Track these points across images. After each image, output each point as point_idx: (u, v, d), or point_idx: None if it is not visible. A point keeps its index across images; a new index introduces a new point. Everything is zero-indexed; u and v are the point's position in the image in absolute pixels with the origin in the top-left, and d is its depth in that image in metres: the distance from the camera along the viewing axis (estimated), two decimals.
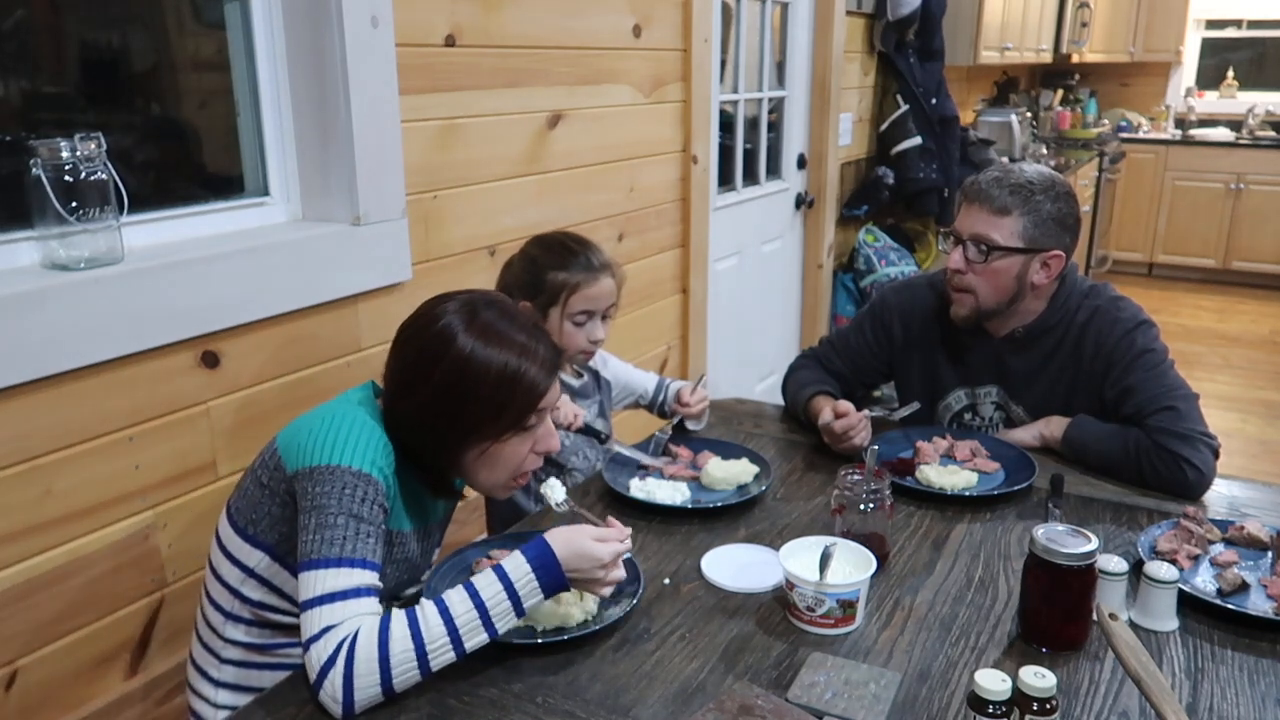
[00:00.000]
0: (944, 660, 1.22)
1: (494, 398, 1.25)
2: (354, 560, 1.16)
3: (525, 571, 1.18)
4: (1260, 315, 6.22)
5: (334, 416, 1.24)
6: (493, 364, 1.25)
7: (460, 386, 1.25)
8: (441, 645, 1.13)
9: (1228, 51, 7.45)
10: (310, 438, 1.23)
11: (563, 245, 1.78)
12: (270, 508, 1.28)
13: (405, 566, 1.39)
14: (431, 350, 1.26)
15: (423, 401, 1.26)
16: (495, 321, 1.28)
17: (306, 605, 1.14)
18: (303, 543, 1.18)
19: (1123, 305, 1.83)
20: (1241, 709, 1.14)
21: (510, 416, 1.27)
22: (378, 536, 1.20)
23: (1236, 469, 3.20)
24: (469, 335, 1.25)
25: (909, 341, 1.97)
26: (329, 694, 1.09)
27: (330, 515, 1.17)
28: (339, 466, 1.19)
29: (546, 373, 1.29)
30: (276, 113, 1.86)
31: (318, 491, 1.19)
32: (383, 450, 1.24)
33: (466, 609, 1.15)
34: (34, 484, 1.44)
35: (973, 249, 1.78)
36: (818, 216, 4.06)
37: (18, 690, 1.46)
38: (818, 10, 3.81)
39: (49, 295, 1.41)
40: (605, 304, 1.77)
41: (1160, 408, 1.70)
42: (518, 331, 1.28)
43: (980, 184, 1.79)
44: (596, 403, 1.90)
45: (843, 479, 1.46)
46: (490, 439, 1.28)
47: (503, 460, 1.30)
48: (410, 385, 1.28)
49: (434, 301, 1.32)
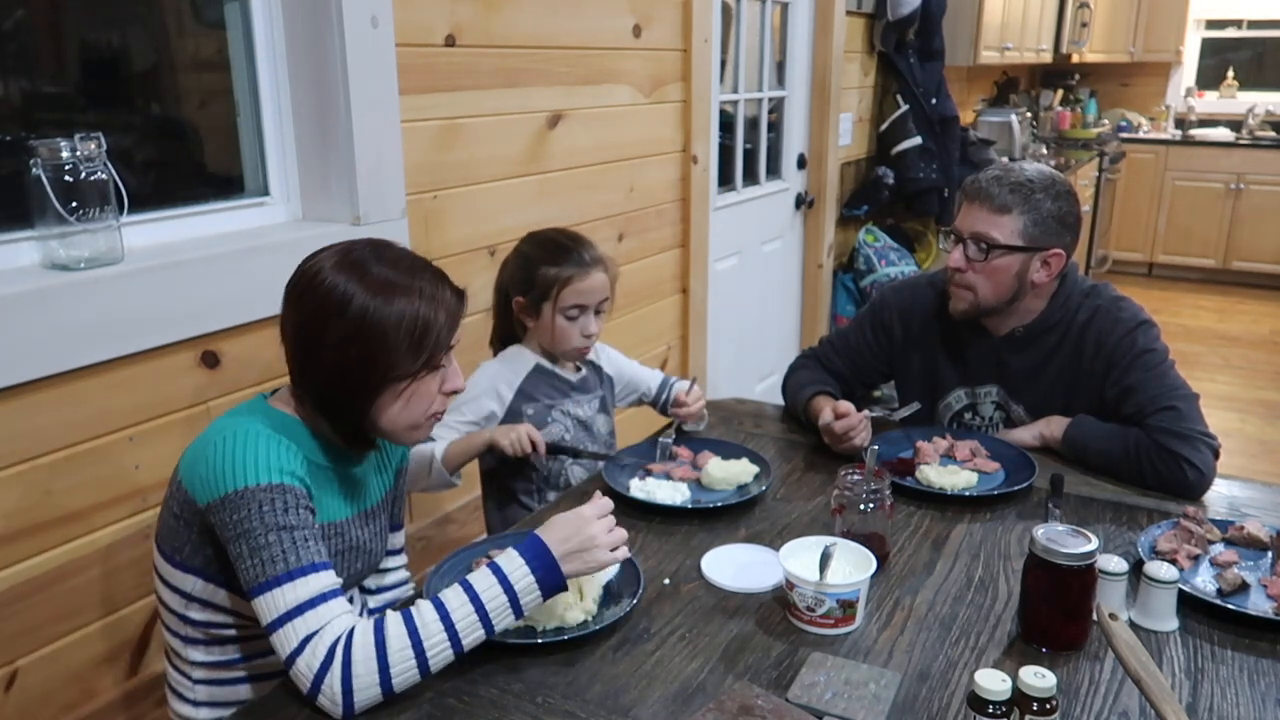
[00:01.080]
0: (944, 660, 1.22)
1: (406, 347, 1.24)
2: (303, 568, 1.14)
3: (519, 566, 1.18)
4: (1260, 315, 6.22)
5: (225, 439, 1.20)
6: (402, 315, 1.23)
7: (370, 344, 1.22)
8: (440, 645, 1.13)
9: (1228, 51, 7.45)
10: (209, 467, 1.19)
11: (554, 241, 1.79)
12: (189, 535, 1.25)
13: (356, 555, 1.37)
14: (331, 312, 1.22)
15: (331, 366, 1.24)
16: (388, 273, 1.25)
17: (273, 627, 1.12)
18: (243, 572, 1.16)
19: (1123, 305, 1.83)
20: (1241, 709, 1.14)
21: (423, 360, 1.26)
22: (315, 538, 1.18)
23: (1236, 469, 3.20)
24: (366, 294, 1.22)
25: (909, 341, 1.97)
26: (328, 697, 1.09)
27: (258, 537, 1.15)
28: (247, 488, 1.16)
29: (451, 313, 1.28)
30: (276, 113, 1.86)
31: (237, 519, 1.16)
32: (286, 452, 1.21)
33: (465, 607, 1.15)
34: (34, 484, 1.44)
35: (973, 247, 1.78)
36: (818, 216, 4.06)
37: (18, 690, 1.46)
38: (818, 10, 3.81)
39: (49, 295, 1.41)
40: (597, 298, 1.78)
41: (1161, 407, 1.70)
42: (416, 277, 1.26)
43: (980, 182, 1.79)
44: (598, 397, 1.90)
45: (843, 479, 1.46)
46: (406, 379, 1.26)
47: (415, 400, 1.28)
48: (315, 352, 1.25)
49: (312, 264, 1.27)
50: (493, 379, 1.79)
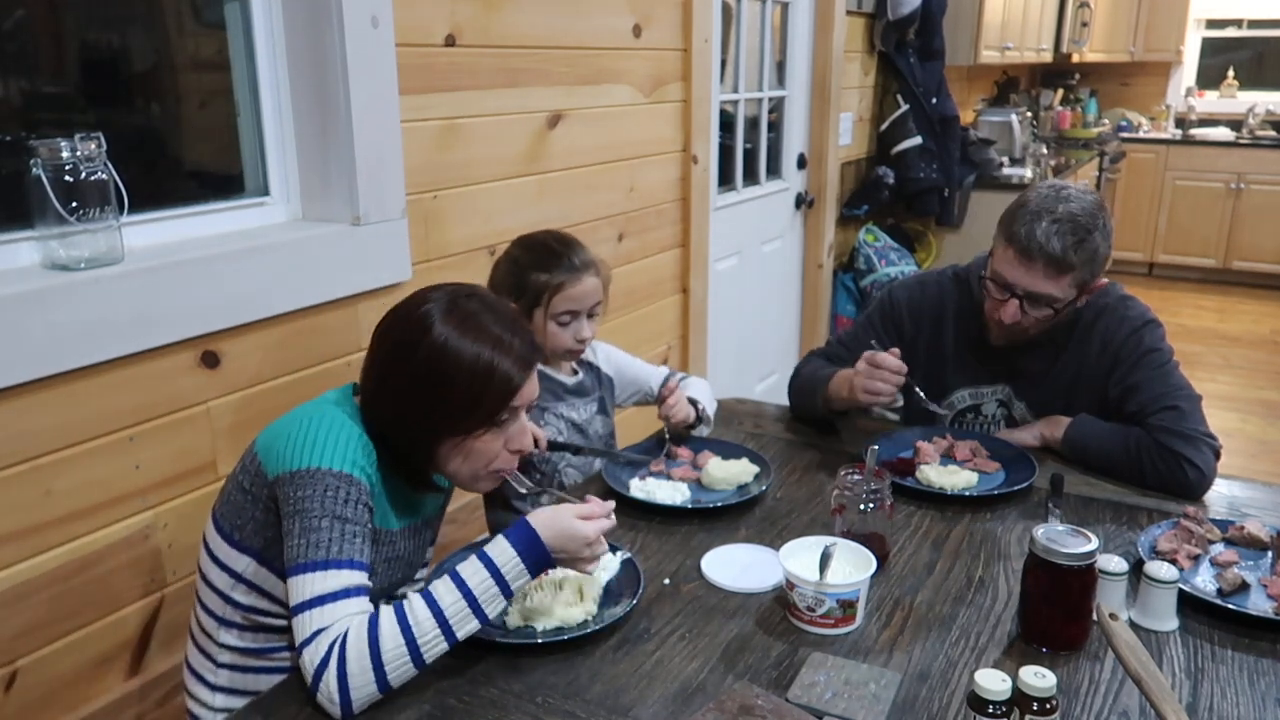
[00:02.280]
0: (944, 660, 1.22)
1: (467, 389, 1.24)
2: (340, 562, 1.16)
3: (511, 556, 1.18)
4: (1260, 315, 6.22)
5: (311, 419, 1.23)
6: (465, 354, 1.24)
7: (433, 375, 1.24)
8: (432, 637, 1.13)
9: (1228, 51, 7.45)
10: (288, 442, 1.22)
11: (545, 246, 1.77)
12: (254, 513, 1.27)
13: (397, 565, 1.39)
14: (408, 338, 1.26)
15: (397, 390, 1.26)
16: (475, 312, 1.27)
17: (297, 610, 1.14)
18: (288, 548, 1.18)
19: (1131, 304, 1.83)
20: (1241, 709, 1.14)
21: (483, 410, 1.27)
22: (364, 536, 1.20)
23: (1236, 469, 3.19)
24: (445, 324, 1.25)
25: (918, 338, 1.96)
26: (325, 696, 1.10)
27: (314, 519, 1.17)
28: (319, 469, 1.18)
29: (521, 368, 1.28)
30: (276, 113, 1.86)
31: (300, 496, 1.18)
32: (362, 449, 1.23)
33: (455, 599, 1.15)
34: (34, 484, 1.44)
35: (1030, 303, 1.73)
36: (818, 216, 4.06)
37: (18, 690, 1.46)
38: (818, 10, 3.81)
39: (49, 295, 1.41)
40: (589, 303, 1.76)
41: (1163, 407, 1.71)
42: (494, 323, 1.27)
43: (1038, 236, 1.67)
44: (596, 399, 1.89)
45: (843, 479, 1.46)
46: (463, 433, 1.27)
47: (476, 455, 1.30)
48: (386, 374, 1.27)
49: (419, 292, 1.32)
50: None
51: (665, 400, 1.83)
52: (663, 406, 1.83)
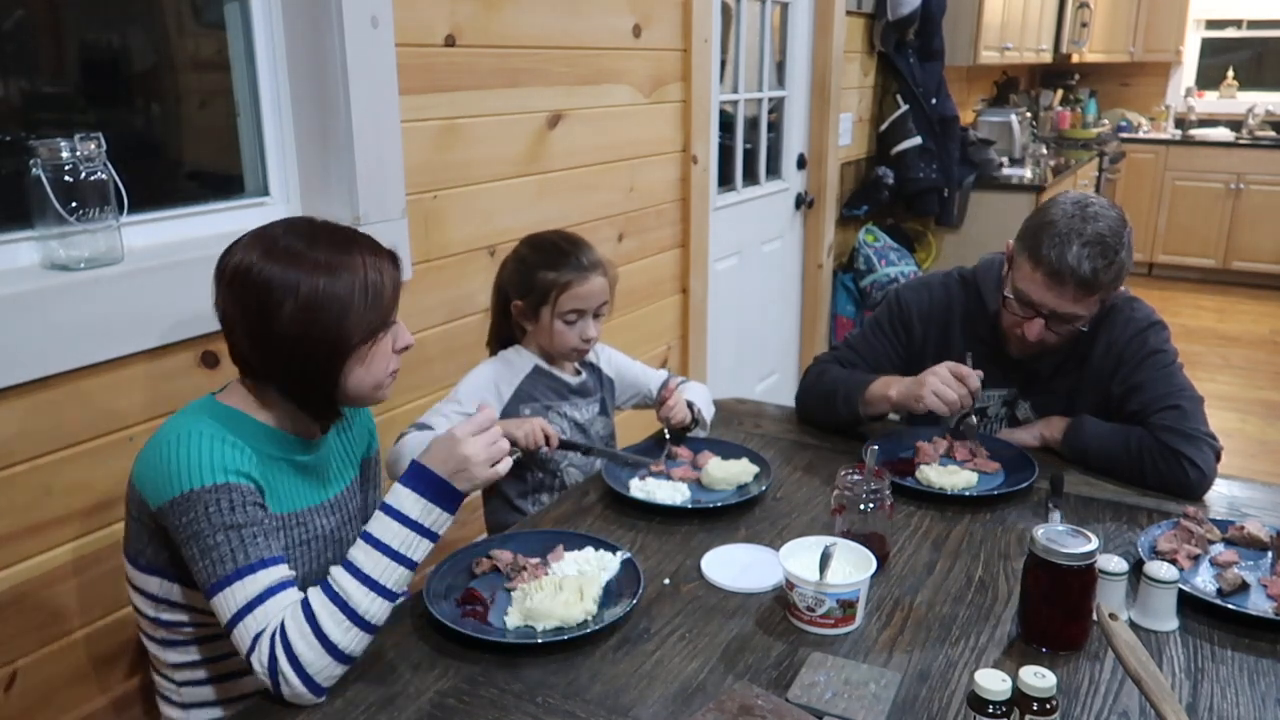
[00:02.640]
0: (944, 660, 1.22)
1: (362, 313, 1.25)
2: (251, 566, 1.16)
3: (411, 497, 1.20)
4: (1260, 315, 6.22)
5: (171, 442, 1.21)
6: (352, 289, 1.24)
7: (327, 319, 1.23)
8: (369, 601, 1.15)
9: (1228, 51, 7.46)
10: (156, 471, 1.20)
11: (553, 245, 1.78)
12: (149, 538, 1.26)
13: (325, 544, 1.37)
14: (281, 303, 1.23)
15: (291, 348, 1.24)
16: (325, 254, 1.25)
17: (230, 626, 1.15)
18: (197, 574, 1.18)
19: (1136, 305, 1.83)
20: (1241, 709, 1.14)
21: (379, 322, 1.28)
22: (265, 533, 1.19)
23: (1236, 469, 3.20)
24: (312, 277, 1.23)
25: (927, 341, 1.95)
26: (290, 690, 1.11)
27: (207, 538, 1.16)
28: (192, 490, 1.17)
29: (393, 276, 1.31)
30: (276, 113, 1.86)
31: (185, 522, 1.17)
32: (231, 451, 1.21)
33: (374, 559, 1.17)
34: (34, 484, 1.44)
35: (1056, 322, 1.72)
36: (818, 216, 4.06)
37: (18, 690, 1.46)
38: (818, 10, 3.81)
39: (49, 295, 1.41)
40: (596, 303, 1.77)
41: (1166, 406, 1.71)
42: (351, 252, 1.27)
43: (1069, 260, 1.64)
44: (598, 400, 1.89)
45: (843, 479, 1.46)
46: (366, 345, 1.28)
47: (376, 361, 1.30)
48: (269, 339, 1.25)
49: (240, 260, 1.26)
50: (492, 378, 1.79)
51: (665, 402, 1.83)
52: (662, 408, 1.83)
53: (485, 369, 1.81)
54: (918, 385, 1.76)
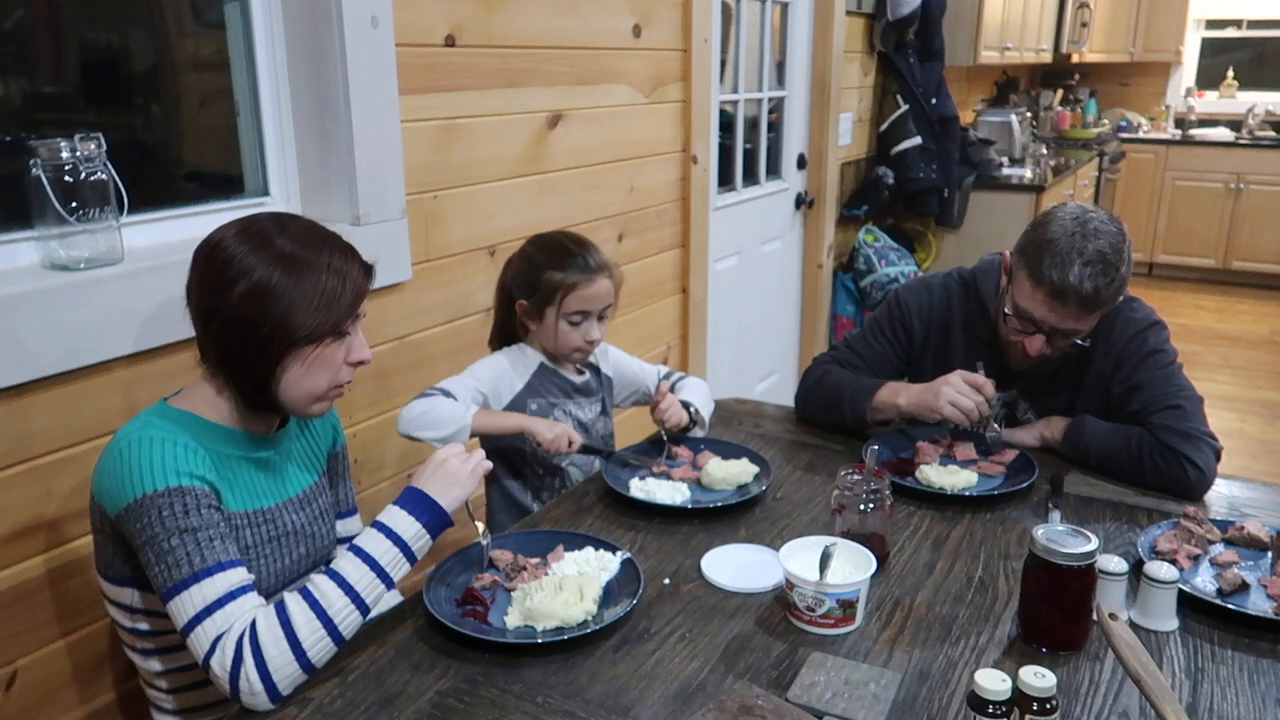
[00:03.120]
0: (944, 660, 1.22)
1: (310, 311, 1.24)
2: (209, 569, 1.15)
3: (406, 519, 1.24)
4: (1260, 315, 6.22)
5: (123, 448, 1.21)
6: (304, 289, 1.23)
7: (271, 307, 1.23)
8: (346, 612, 1.16)
9: (1228, 51, 7.46)
10: (111, 478, 1.20)
11: (561, 246, 1.78)
12: (114, 549, 1.26)
13: (295, 540, 1.36)
14: (234, 281, 1.22)
15: (233, 327, 1.24)
16: (292, 247, 1.25)
17: (186, 631, 1.14)
18: (153, 579, 1.17)
19: (1136, 306, 1.83)
20: (1241, 709, 1.14)
21: (328, 325, 1.27)
22: (221, 535, 1.19)
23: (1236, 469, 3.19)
24: (269, 267, 1.22)
25: (927, 343, 1.95)
26: (247, 692, 1.10)
27: (162, 542, 1.15)
28: (145, 495, 1.16)
29: (357, 286, 1.29)
30: (276, 113, 1.86)
31: (139, 528, 1.17)
32: (184, 453, 1.20)
33: (361, 572, 1.19)
34: (34, 484, 1.44)
35: (1057, 338, 1.72)
36: (818, 216, 4.06)
37: (18, 690, 1.46)
38: (818, 10, 3.81)
39: (49, 295, 1.41)
40: (601, 305, 1.77)
41: (1166, 406, 1.71)
42: (320, 252, 1.26)
43: (1070, 280, 1.63)
44: (599, 400, 1.90)
45: (843, 479, 1.46)
46: (309, 346, 1.26)
47: (318, 367, 1.28)
48: (215, 315, 1.24)
49: (215, 235, 1.27)
50: (508, 366, 1.79)
51: (657, 405, 1.82)
52: (655, 411, 1.82)
53: (500, 357, 1.81)
54: (932, 396, 1.76)
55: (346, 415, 1.95)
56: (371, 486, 2.06)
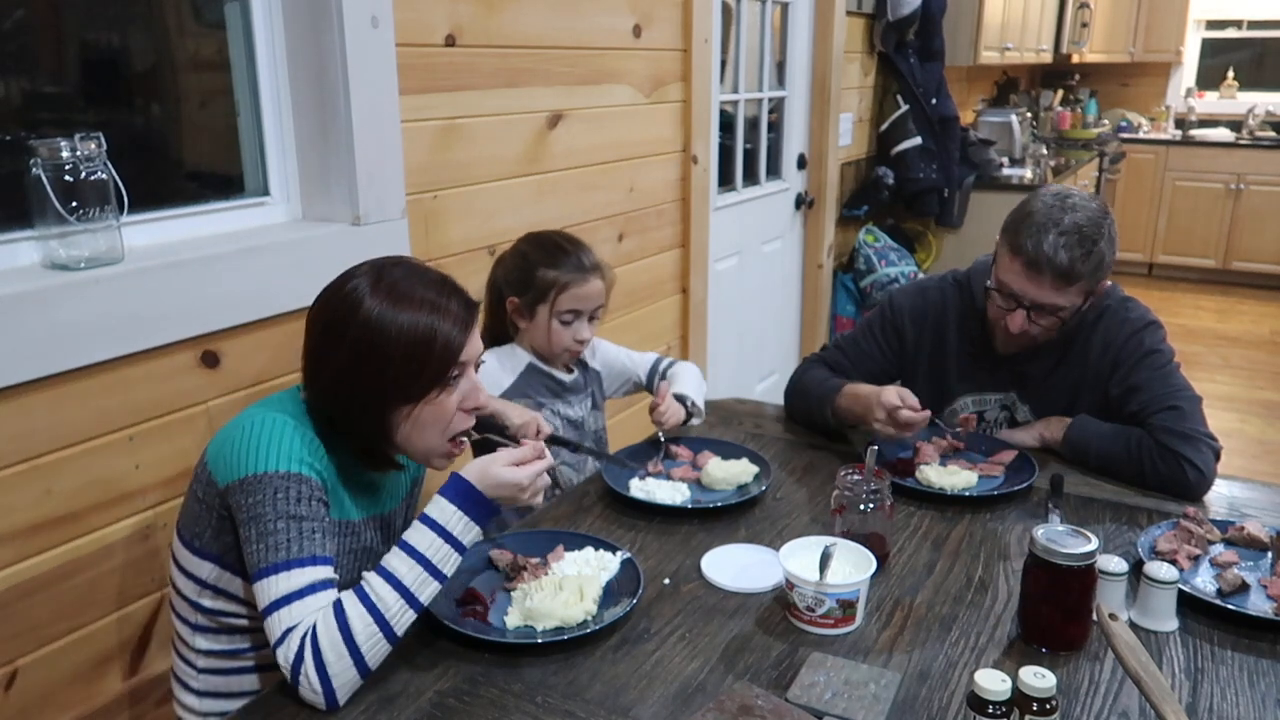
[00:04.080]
0: (944, 660, 1.22)
1: (409, 357, 1.24)
2: (302, 560, 1.17)
3: (451, 512, 1.20)
4: (1260, 315, 6.22)
5: (251, 425, 1.23)
6: (402, 324, 1.23)
7: (372, 349, 1.23)
8: (398, 609, 1.15)
9: (1228, 51, 7.46)
10: (233, 450, 1.22)
11: (555, 244, 1.78)
12: (210, 520, 1.27)
13: (367, 557, 1.38)
14: (340, 317, 1.25)
15: (339, 370, 1.25)
16: (402, 280, 1.26)
17: (265, 613, 1.15)
18: (248, 554, 1.18)
19: (1131, 306, 1.83)
20: (1241, 709, 1.14)
21: (428, 375, 1.26)
22: (323, 531, 1.20)
23: (1236, 469, 3.20)
24: (375, 298, 1.24)
25: (920, 345, 1.95)
26: (308, 689, 1.11)
27: (268, 522, 1.17)
28: (266, 473, 1.19)
29: (461, 327, 1.27)
30: (276, 113, 1.86)
31: (251, 502, 1.18)
32: (307, 445, 1.23)
33: (410, 566, 1.17)
34: (34, 484, 1.44)
35: (1036, 314, 1.73)
36: (818, 216, 4.06)
37: (18, 690, 1.46)
38: (818, 10, 3.81)
39: (49, 295, 1.41)
40: (593, 305, 1.77)
41: (1164, 407, 1.71)
42: (426, 289, 1.27)
43: (1045, 249, 1.66)
44: (588, 395, 1.89)
45: (843, 479, 1.46)
46: (413, 400, 1.26)
47: (430, 421, 1.29)
48: (324, 357, 1.26)
49: (344, 273, 1.30)
50: (491, 371, 1.78)
51: (656, 406, 1.81)
52: (654, 413, 1.81)
53: (488, 356, 1.81)
54: (864, 408, 1.76)
55: None
56: None
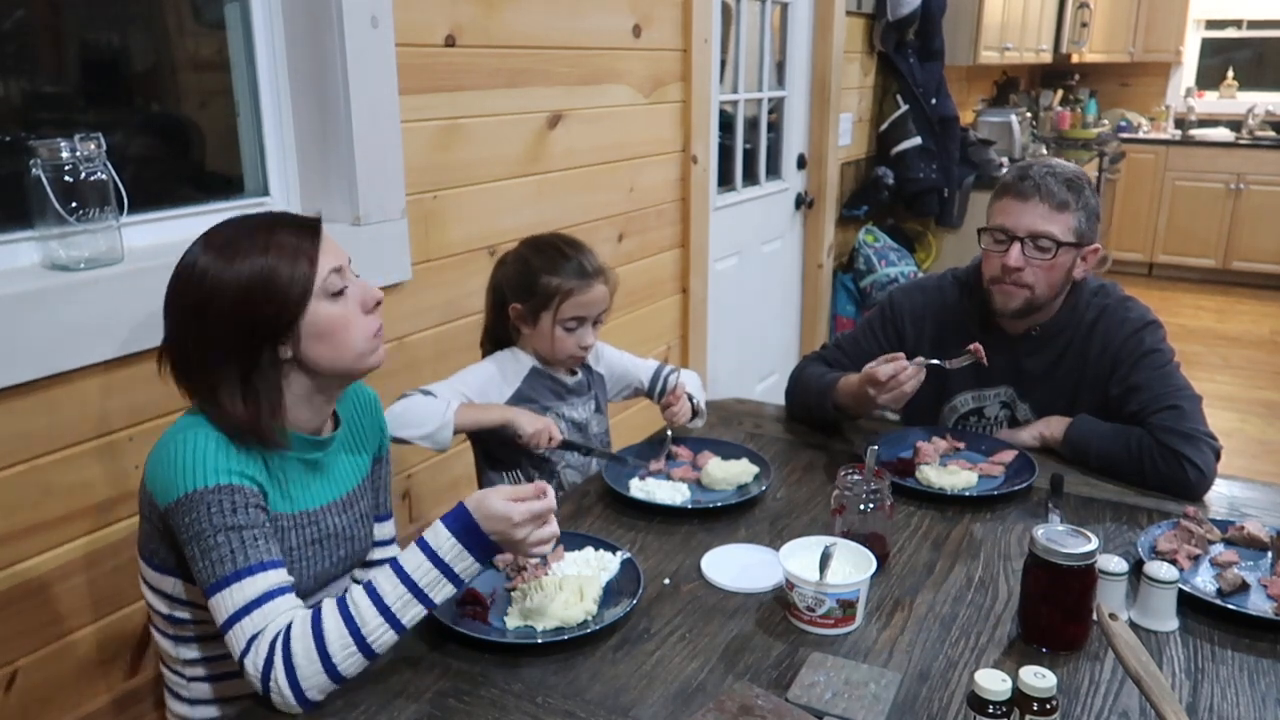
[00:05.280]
0: (944, 660, 1.22)
1: (252, 303, 1.20)
2: (250, 568, 1.16)
3: (445, 537, 1.18)
4: (1260, 315, 6.22)
5: (178, 443, 1.21)
6: (239, 273, 1.20)
7: (210, 303, 1.20)
8: (378, 627, 1.14)
9: (1228, 51, 7.45)
10: (164, 472, 1.21)
11: (557, 249, 1.77)
12: (161, 538, 1.27)
13: (336, 542, 1.36)
14: (184, 288, 1.23)
15: (199, 339, 1.22)
16: (229, 235, 1.23)
17: (225, 628, 1.15)
18: (197, 574, 1.18)
19: (1131, 305, 1.83)
20: (1241, 709, 1.14)
21: (287, 314, 1.22)
22: (266, 536, 1.20)
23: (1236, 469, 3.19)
24: (207, 256, 1.21)
25: (920, 343, 1.95)
26: (277, 694, 1.11)
27: (208, 538, 1.17)
28: (194, 491, 1.18)
29: (299, 258, 1.23)
30: (276, 113, 1.86)
31: (188, 522, 1.18)
32: (236, 451, 1.21)
33: (395, 588, 1.16)
34: (34, 484, 1.44)
35: (1032, 245, 1.75)
36: (818, 216, 4.06)
37: (18, 690, 1.46)
38: (818, 10, 3.81)
39: (49, 295, 1.41)
40: (597, 310, 1.77)
41: (1164, 406, 1.71)
42: (254, 234, 1.23)
43: (1034, 178, 1.76)
44: (592, 398, 1.89)
45: (843, 479, 1.46)
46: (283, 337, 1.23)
47: (339, 329, 1.25)
48: (185, 334, 1.24)
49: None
50: (496, 374, 1.78)
51: (670, 406, 1.84)
52: (667, 411, 1.84)
53: (489, 364, 1.81)
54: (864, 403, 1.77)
55: None
56: None
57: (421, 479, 2.20)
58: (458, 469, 2.28)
